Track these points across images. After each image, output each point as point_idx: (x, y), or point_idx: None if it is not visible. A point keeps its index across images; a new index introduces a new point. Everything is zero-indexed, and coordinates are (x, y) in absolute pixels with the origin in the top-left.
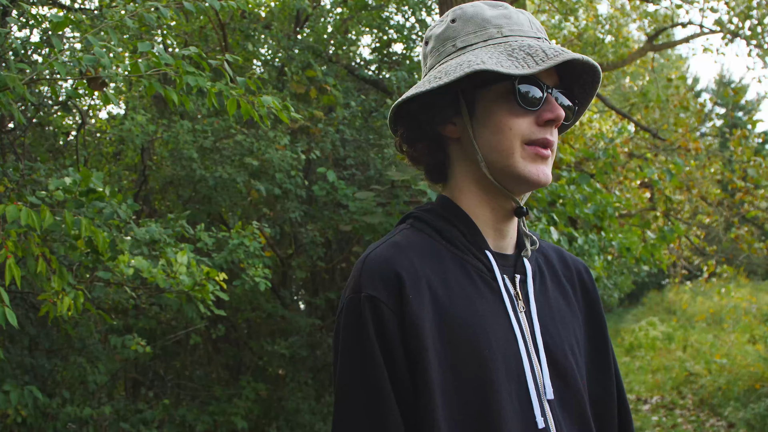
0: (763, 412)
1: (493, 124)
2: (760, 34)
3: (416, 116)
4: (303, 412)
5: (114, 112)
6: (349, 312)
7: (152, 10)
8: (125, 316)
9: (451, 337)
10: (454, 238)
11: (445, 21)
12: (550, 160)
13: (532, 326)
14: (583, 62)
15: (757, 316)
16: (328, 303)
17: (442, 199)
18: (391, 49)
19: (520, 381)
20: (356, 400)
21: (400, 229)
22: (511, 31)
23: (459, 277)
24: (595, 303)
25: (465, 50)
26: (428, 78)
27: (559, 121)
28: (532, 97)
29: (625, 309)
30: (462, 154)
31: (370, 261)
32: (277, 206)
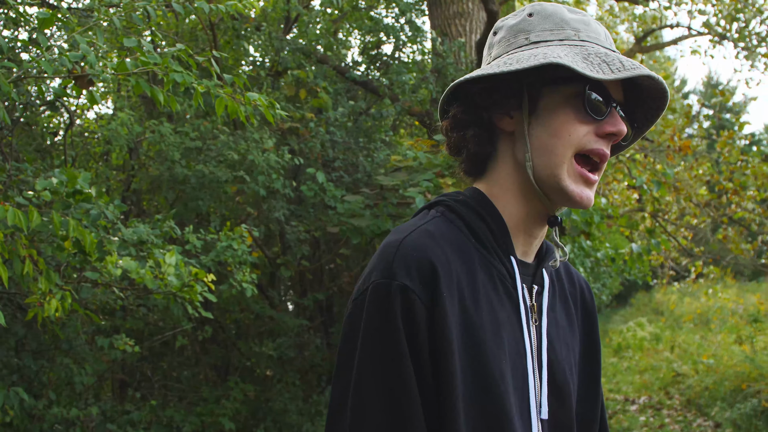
0: (749, 412)
1: (553, 125)
2: (747, 36)
3: (475, 99)
4: (291, 413)
5: (102, 111)
6: (376, 299)
7: (140, 10)
8: (113, 316)
9: (475, 342)
10: (484, 238)
11: (521, 14)
12: (595, 185)
13: (540, 341)
14: (653, 84)
15: (744, 316)
16: (317, 304)
17: (475, 192)
18: (381, 50)
19: (524, 397)
20: (378, 395)
21: (430, 216)
22: (588, 37)
23: (484, 280)
24: (594, 326)
25: (538, 45)
26: (498, 62)
27: (620, 136)
28: (599, 106)
29: (613, 310)
30: (511, 150)
31: (406, 247)
32: (263, 206)
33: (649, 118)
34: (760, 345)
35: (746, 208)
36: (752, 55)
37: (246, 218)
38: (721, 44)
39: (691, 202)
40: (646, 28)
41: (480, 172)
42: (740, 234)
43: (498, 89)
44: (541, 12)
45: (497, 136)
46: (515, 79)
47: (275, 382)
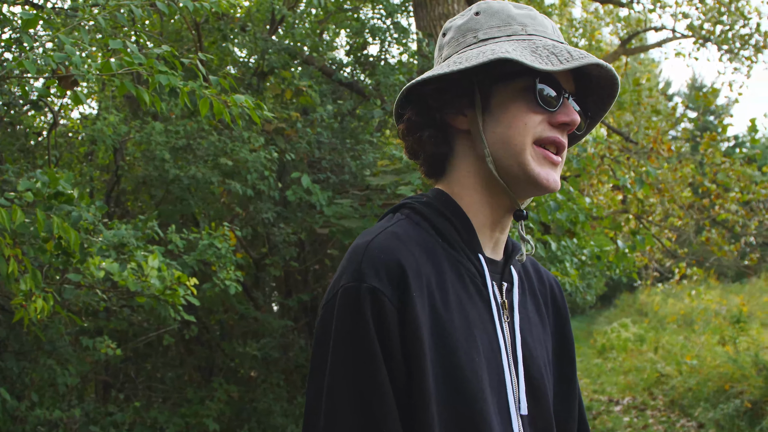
0: (732, 413)
1: (507, 118)
2: (730, 39)
3: (427, 101)
4: (275, 414)
5: (86, 111)
6: (346, 302)
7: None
8: (96, 318)
9: (446, 342)
10: (450, 237)
11: (468, 13)
12: (559, 168)
13: (514, 338)
14: (603, 72)
15: (727, 317)
16: (301, 305)
17: (438, 193)
18: (367, 51)
19: (501, 393)
20: (352, 397)
21: (396, 219)
22: (536, 31)
23: (453, 279)
24: (566, 322)
25: (486, 42)
26: (447, 62)
27: (573, 125)
28: (551, 97)
29: (598, 311)
30: (468, 148)
31: (373, 249)
32: (250, 207)
33: (602, 107)
34: (743, 346)
35: (729, 210)
36: (735, 57)
37: (233, 219)
38: (705, 47)
39: (675, 204)
40: (630, 30)
41: (440, 173)
42: (723, 236)
43: (449, 89)
44: (487, 10)
45: (453, 136)
46: (466, 78)
47: (259, 383)
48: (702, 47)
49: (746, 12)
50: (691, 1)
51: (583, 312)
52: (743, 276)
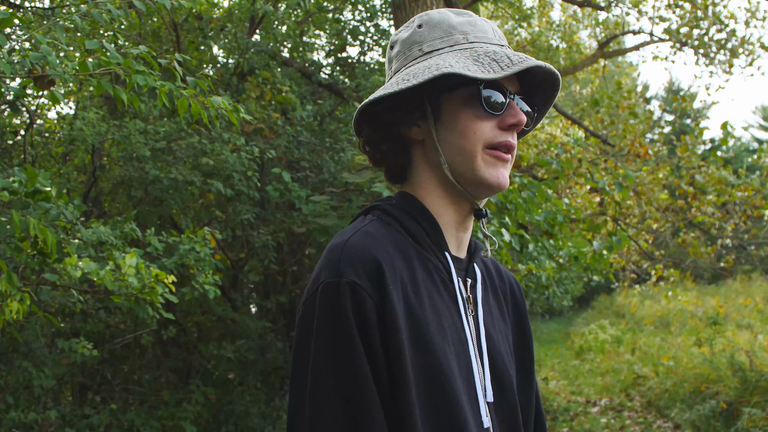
0: (708, 413)
1: (458, 127)
2: (707, 43)
3: (381, 118)
4: (253, 416)
5: (64, 111)
6: (327, 297)
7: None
8: (72, 319)
9: (421, 333)
10: (419, 236)
11: (411, 26)
12: (509, 164)
13: (479, 330)
14: (544, 70)
15: (703, 319)
16: (279, 306)
17: (406, 196)
18: (346, 53)
19: (470, 381)
20: (335, 392)
21: (368, 220)
22: (477, 38)
23: (423, 275)
24: (525, 317)
25: (431, 54)
26: (395, 80)
27: (521, 126)
28: (496, 102)
29: (576, 312)
30: (425, 157)
31: (350, 247)
32: (229, 209)
33: (547, 100)
34: (718, 347)
35: (706, 213)
36: (711, 61)
37: (211, 221)
38: (682, 51)
39: (651, 206)
40: (608, 33)
41: (403, 179)
42: (699, 238)
43: (400, 106)
44: (429, 22)
45: (410, 146)
46: (415, 93)
47: (237, 385)
48: (679, 51)
49: (723, 17)
50: (669, 6)
51: (561, 314)
52: (719, 278)
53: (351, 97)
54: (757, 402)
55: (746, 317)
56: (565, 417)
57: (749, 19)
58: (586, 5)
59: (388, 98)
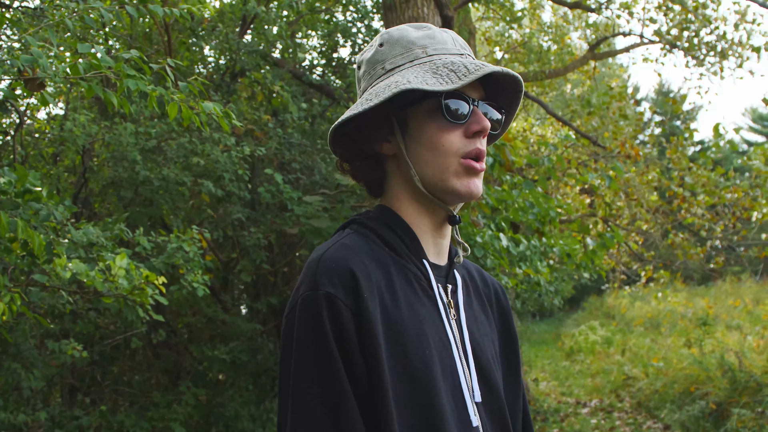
0: (698, 414)
1: (426, 140)
2: (696, 45)
3: (351, 137)
4: (243, 418)
5: (54, 112)
6: (305, 309)
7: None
8: (62, 320)
9: (398, 339)
10: (396, 246)
11: (374, 46)
12: (482, 173)
13: (462, 333)
14: (504, 74)
15: (693, 320)
16: (270, 307)
17: (382, 208)
18: (338, 54)
19: (455, 383)
20: (315, 399)
21: (345, 234)
22: (435, 50)
23: (402, 283)
24: (510, 321)
25: (393, 72)
26: (361, 101)
27: (485, 131)
28: (459, 111)
29: (566, 314)
30: (398, 170)
31: (326, 260)
32: (220, 209)
33: (512, 102)
34: (708, 348)
35: (695, 214)
36: (700, 63)
37: (202, 222)
38: (672, 53)
39: (641, 208)
40: (599, 35)
41: (380, 192)
42: (689, 240)
43: (368, 124)
44: (389, 40)
45: (383, 161)
46: (379, 111)
47: (227, 387)
48: (669, 53)
49: (712, 19)
50: (658, 8)
51: (552, 315)
52: (709, 279)
53: (342, 98)
54: (746, 402)
55: (736, 318)
56: (555, 418)
57: (739, 21)
58: (577, 7)
59: (355, 119)
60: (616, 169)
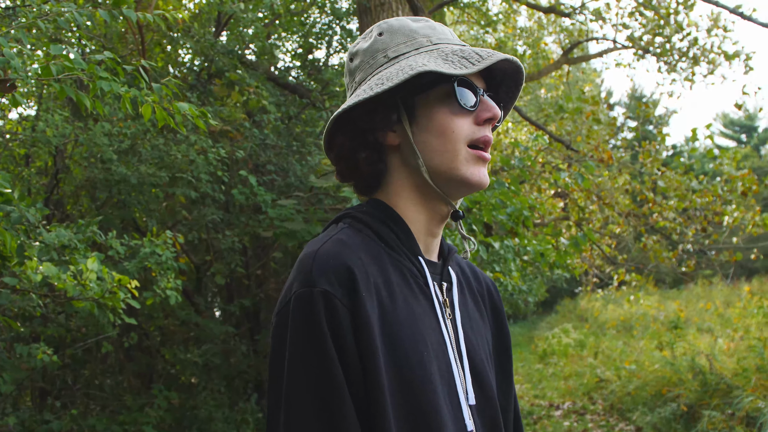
0: (669, 416)
1: (435, 127)
2: (669, 51)
3: (357, 125)
4: (216, 421)
5: (26, 113)
6: (300, 307)
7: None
8: (32, 323)
9: (395, 338)
10: (391, 242)
11: (370, 35)
12: (488, 162)
13: (457, 333)
14: (508, 65)
15: (665, 323)
16: (243, 310)
17: (377, 203)
18: (312, 55)
19: (450, 384)
20: (310, 400)
21: (339, 228)
22: (439, 40)
23: (398, 279)
24: (503, 321)
25: (398, 59)
26: (367, 86)
27: (496, 118)
28: (470, 98)
29: (539, 316)
30: (401, 162)
31: (322, 255)
32: (194, 211)
33: (511, 96)
34: (679, 351)
35: (667, 218)
36: (672, 68)
37: (175, 224)
38: (644, 58)
39: (613, 211)
40: (573, 40)
41: (375, 189)
42: (661, 243)
43: (377, 110)
44: (389, 29)
45: (385, 152)
46: (389, 96)
47: (200, 390)
48: (642, 58)
49: (685, 25)
50: (631, 14)
51: (525, 317)
52: (680, 282)
53: (318, 99)
54: (716, 404)
55: (707, 321)
56: (528, 420)
57: (711, 27)
58: (551, 12)
59: (365, 103)
60: (588, 167)
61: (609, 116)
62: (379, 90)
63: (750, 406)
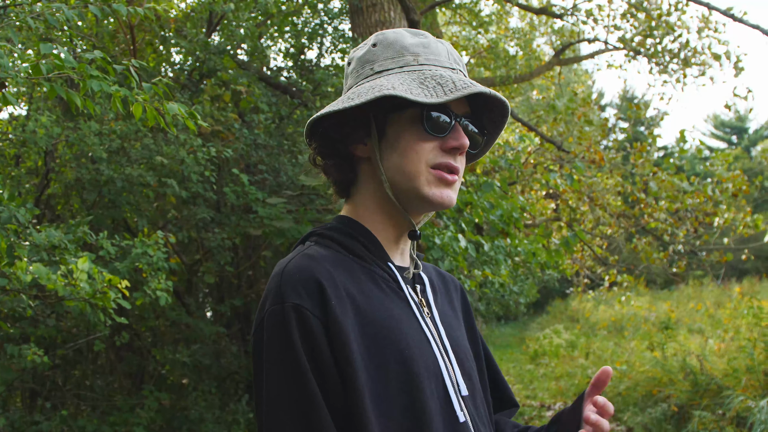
0: (660, 416)
1: (401, 147)
2: (660, 52)
3: (329, 133)
4: (207, 422)
5: (16, 112)
6: (273, 323)
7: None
8: (22, 324)
9: (375, 339)
10: (360, 252)
11: (367, 44)
12: (456, 185)
13: (438, 330)
14: (491, 97)
15: (656, 324)
16: (234, 310)
17: (342, 219)
18: (304, 56)
19: (438, 379)
20: (288, 413)
21: (306, 246)
22: (427, 60)
23: (370, 285)
24: (471, 315)
25: (381, 74)
26: (343, 98)
27: (463, 149)
28: (442, 124)
29: (531, 317)
30: (370, 174)
31: (289, 271)
32: (185, 210)
33: (498, 125)
34: (670, 351)
35: (658, 219)
36: (663, 70)
37: (166, 224)
38: (636, 59)
39: (605, 212)
40: (564, 41)
41: (347, 195)
42: (652, 244)
43: (347, 122)
44: (383, 41)
45: (356, 163)
46: (361, 111)
47: (191, 390)
48: (633, 60)
49: (676, 27)
50: (623, 15)
51: (516, 318)
52: (671, 283)
53: (309, 99)
54: (707, 405)
55: (697, 322)
56: (519, 421)
57: (702, 29)
58: (543, 13)
59: (335, 115)
60: (578, 169)
61: (600, 117)
62: (347, 105)
63: (740, 407)
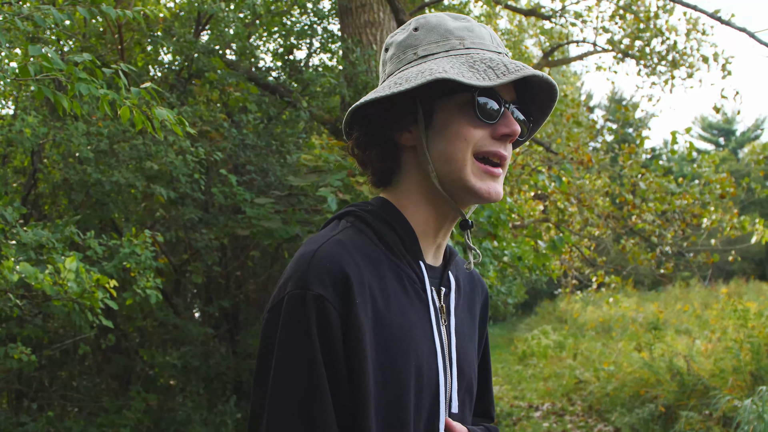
0: (647, 417)
1: (449, 134)
2: (648, 54)
3: (373, 121)
4: (195, 423)
5: (3, 112)
6: (292, 308)
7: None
8: (8, 324)
9: (387, 345)
10: (393, 245)
11: (407, 29)
12: (502, 177)
13: (450, 341)
14: (542, 80)
15: (643, 324)
16: (222, 311)
17: (383, 202)
18: (293, 56)
19: (435, 393)
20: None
21: (341, 227)
22: (473, 44)
23: (395, 285)
24: (486, 322)
25: (426, 59)
26: (388, 83)
27: (514, 136)
28: (491, 110)
29: (519, 318)
30: (414, 163)
31: (319, 258)
32: (172, 210)
33: (544, 110)
34: (658, 352)
35: (646, 220)
36: (652, 72)
37: (154, 224)
38: (624, 61)
39: (593, 213)
40: (553, 43)
41: (387, 184)
42: (640, 245)
43: (393, 109)
44: (425, 25)
45: (400, 151)
46: (408, 97)
47: (179, 392)
48: (621, 62)
49: (664, 29)
50: (612, 17)
51: (505, 319)
52: (659, 284)
53: (298, 99)
54: (694, 405)
55: (684, 323)
56: (507, 422)
57: (690, 31)
58: (532, 15)
59: (381, 101)
60: (566, 170)
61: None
62: (395, 90)
63: (727, 407)
